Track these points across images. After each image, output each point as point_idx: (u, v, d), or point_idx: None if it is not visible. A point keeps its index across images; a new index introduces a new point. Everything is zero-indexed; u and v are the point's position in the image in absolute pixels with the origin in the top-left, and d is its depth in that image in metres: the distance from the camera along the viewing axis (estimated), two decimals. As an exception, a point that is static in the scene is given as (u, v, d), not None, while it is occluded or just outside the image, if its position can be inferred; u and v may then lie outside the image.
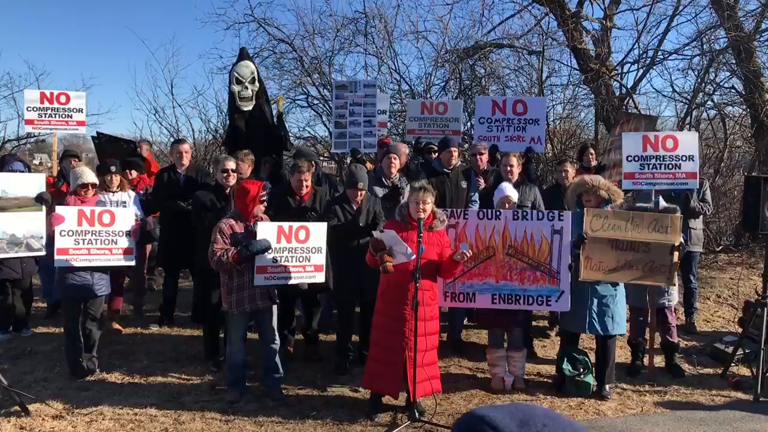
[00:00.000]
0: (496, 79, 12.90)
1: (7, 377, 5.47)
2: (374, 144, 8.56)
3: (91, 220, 6.03)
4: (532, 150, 8.23)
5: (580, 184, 6.23)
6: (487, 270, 6.07)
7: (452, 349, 7.17)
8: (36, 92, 8.98)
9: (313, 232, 5.85)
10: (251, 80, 7.73)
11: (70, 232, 5.95)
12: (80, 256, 5.98)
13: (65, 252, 5.93)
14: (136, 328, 7.83)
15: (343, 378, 6.29)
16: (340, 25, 12.94)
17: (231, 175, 6.44)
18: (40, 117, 8.77)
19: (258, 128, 7.89)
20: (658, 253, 6.00)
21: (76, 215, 5.99)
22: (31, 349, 6.94)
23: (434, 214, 5.52)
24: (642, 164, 6.73)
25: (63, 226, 5.91)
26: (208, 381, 6.16)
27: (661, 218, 6.08)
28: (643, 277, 6.07)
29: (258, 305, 5.68)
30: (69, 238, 5.93)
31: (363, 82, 8.99)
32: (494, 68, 12.90)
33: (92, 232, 6.03)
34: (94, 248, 6.03)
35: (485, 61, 12.85)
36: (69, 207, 6.07)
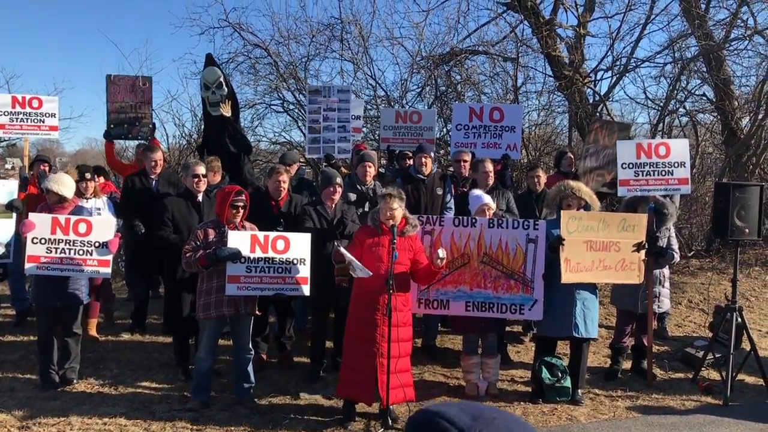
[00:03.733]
0: (471, 86, 12.93)
1: (-28, 387, 5.35)
2: (348, 150, 8.55)
3: (65, 228, 5.85)
4: (509, 157, 8.26)
5: (563, 188, 6.26)
6: (461, 277, 6.07)
7: (426, 355, 7.16)
8: (7, 96, 8.82)
9: (294, 242, 5.73)
10: (217, 85, 7.66)
11: (43, 240, 5.79)
12: (52, 264, 5.82)
13: (36, 260, 5.78)
14: (107, 335, 7.70)
15: (317, 385, 6.25)
16: (316, 31, 12.93)
17: (201, 180, 6.38)
18: (11, 121, 8.61)
19: (225, 132, 7.82)
20: (627, 251, 6.07)
21: (50, 223, 5.82)
22: (0, 359, 6.80)
23: (406, 219, 5.52)
24: (636, 171, 6.82)
25: (35, 233, 5.76)
26: (179, 389, 6.07)
27: (629, 217, 6.21)
28: (615, 276, 6.17)
29: (224, 312, 5.62)
30: (41, 246, 5.78)
31: (337, 87, 8.97)
32: (470, 74, 12.95)
33: (66, 241, 5.85)
34: (66, 258, 5.85)
35: (461, 67, 12.90)
36: (43, 214, 5.91)
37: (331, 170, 6.68)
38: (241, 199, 5.67)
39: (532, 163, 10.36)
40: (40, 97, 8.83)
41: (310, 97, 8.69)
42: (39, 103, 8.74)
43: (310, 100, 8.64)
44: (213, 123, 7.80)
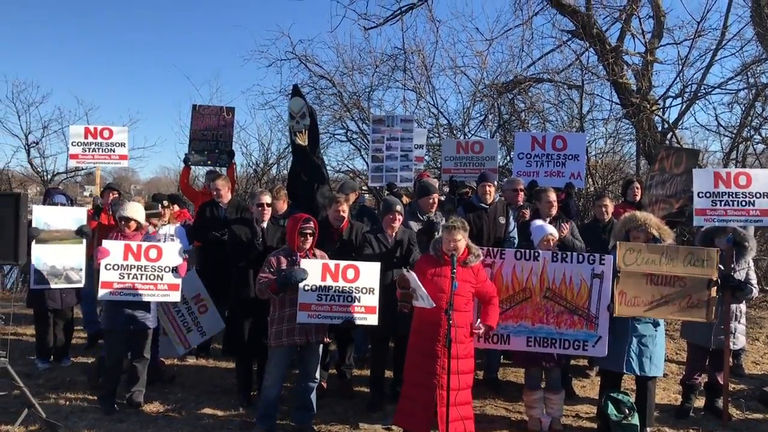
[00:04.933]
0: (536, 113, 12.83)
1: (45, 407, 5.52)
2: (410, 178, 8.56)
3: (137, 254, 6.07)
4: (573, 186, 8.12)
5: (630, 219, 6.08)
6: (523, 312, 5.93)
7: (488, 388, 7.02)
8: (80, 128, 9.26)
9: (364, 271, 5.74)
10: (301, 115, 7.88)
11: (116, 266, 6.00)
12: (124, 290, 6.02)
13: (109, 285, 5.98)
14: (173, 359, 7.87)
15: (377, 415, 6.20)
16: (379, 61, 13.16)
17: (266, 209, 6.48)
18: (83, 151, 9.05)
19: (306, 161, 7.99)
20: (695, 287, 5.80)
21: (122, 249, 6.04)
22: (70, 379, 7.02)
23: (469, 249, 5.46)
24: (714, 201, 6.60)
25: (108, 259, 5.96)
26: (242, 415, 6.13)
27: (696, 252, 5.90)
28: (680, 313, 5.88)
29: (296, 340, 5.66)
30: (114, 272, 5.99)
31: (400, 116, 9.02)
32: (534, 102, 12.84)
33: (138, 266, 6.07)
34: (138, 283, 6.06)
35: (525, 95, 12.81)
36: (116, 241, 6.11)
37: (391, 198, 6.69)
38: (310, 227, 5.73)
39: (598, 192, 10.13)
40: (111, 128, 9.24)
41: (374, 126, 8.77)
42: (110, 134, 9.15)
43: (374, 129, 8.72)
44: (297, 151, 8.00)
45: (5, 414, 5.36)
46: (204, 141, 8.91)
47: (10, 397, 5.73)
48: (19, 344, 8.24)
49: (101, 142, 9.08)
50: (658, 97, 12.01)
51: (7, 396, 5.57)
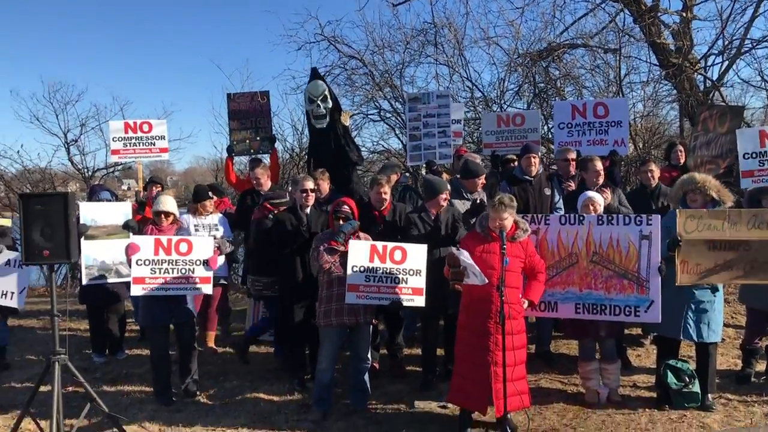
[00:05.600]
0: (571, 81, 12.54)
1: (105, 400, 5.62)
2: (449, 155, 8.46)
3: (168, 249, 6.05)
4: (617, 153, 7.94)
5: (688, 181, 5.89)
6: (569, 278, 5.80)
7: (541, 362, 6.96)
8: (120, 122, 9.37)
9: (411, 253, 5.72)
10: (323, 98, 7.80)
11: (147, 261, 5.97)
12: (157, 285, 6.01)
13: (141, 281, 5.96)
14: (225, 347, 7.97)
15: (431, 394, 6.18)
16: (410, 37, 12.95)
17: (310, 195, 6.47)
18: (125, 146, 9.15)
19: (329, 145, 7.93)
20: (760, 250, 5.59)
21: (152, 244, 6.02)
22: (126, 372, 7.17)
23: (516, 223, 5.38)
24: (761, 161, 6.37)
25: (139, 255, 5.94)
26: (297, 399, 6.18)
27: (761, 213, 5.67)
28: (745, 277, 5.68)
29: (344, 320, 5.68)
30: (145, 267, 5.97)
31: (436, 93, 8.91)
32: (569, 69, 12.55)
33: (169, 261, 6.05)
34: (170, 277, 6.04)
35: (559, 62, 12.53)
36: (146, 236, 6.12)
37: (436, 179, 6.58)
38: (342, 210, 5.74)
39: (643, 158, 9.89)
40: (150, 121, 9.32)
41: (410, 104, 8.67)
42: (149, 127, 9.23)
43: (410, 108, 8.62)
44: (318, 136, 7.93)
45: (68, 408, 5.46)
46: (244, 130, 8.90)
47: (71, 392, 5.85)
48: (75, 339, 8.43)
49: (141, 136, 9.17)
50: (699, 56, 11.65)
51: (68, 392, 5.68)
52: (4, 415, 5.95)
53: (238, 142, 8.91)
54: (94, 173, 14.93)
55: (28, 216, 4.98)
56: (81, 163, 14.89)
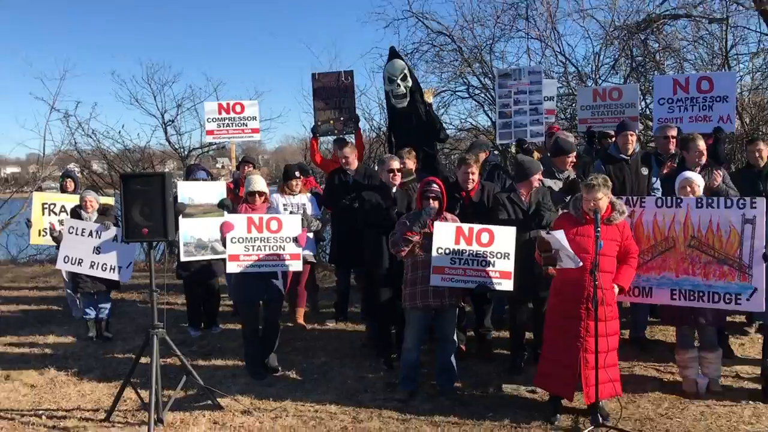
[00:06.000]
0: (672, 53, 11.93)
1: (200, 372, 5.84)
2: (541, 132, 8.20)
3: (260, 227, 6.19)
4: (722, 130, 7.48)
5: None
6: (665, 263, 5.55)
7: (635, 348, 6.71)
8: (214, 104, 9.64)
9: (499, 236, 5.60)
10: (402, 77, 7.74)
11: (241, 239, 6.14)
12: (250, 262, 6.16)
13: (236, 258, 6.13)
14: (314, 324, 8.12)
15: (519, 378, 6.08)
16: (500, 11, 12.67)
17: (396, 175, 6.44)
18: (218, 127, 9.43)
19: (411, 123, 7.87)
20: None
21: (245, 223, 6.17)
22: (220, 346, 7.42)
23: (612, 205, 5.15)
24: None
25: (233, 233, 6.11)
26: (383, 378, 6.22)
27: None
28: None
29: (430, 303, 5.65)
30: (239, 245, 6.13)
31: (528, 69, 8.63)
32: (669, 41, 11.94)
33: (261, 238, 6.19)
34: (263, 254, 6.18)
35: (659, 34, 11.94)
36: (239, 215, 6.28)
37: (528, 159, 6.41)
38: (432, 190, 5.65)
39: (751, 135, 9.30)
40: (243, 102, 9.56)
41: (500, 81, 8.44)
42: (242, 108, 9.47)
43: (500, 84, 8.40)
44: (399, 116, 7.88)
45: (166, 380, 5.70)
46: (328, 110, 8.95)
47: (169, 364, 6.11)
48: (172, 313, 8.81)
49: (234, 116, 9.42)
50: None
51: (166, 363, 5.93)
52: (108, 383, 6.28)
53: (322, 123, 8.95)
54: (190, 152, 15.46)
55: (128, 195, 5.21)
56: (177, 142, 15.45)
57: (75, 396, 6.03)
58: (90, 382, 6.36)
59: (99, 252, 7.43)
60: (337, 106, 8.95)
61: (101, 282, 7.65)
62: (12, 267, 14.55)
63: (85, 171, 15.98)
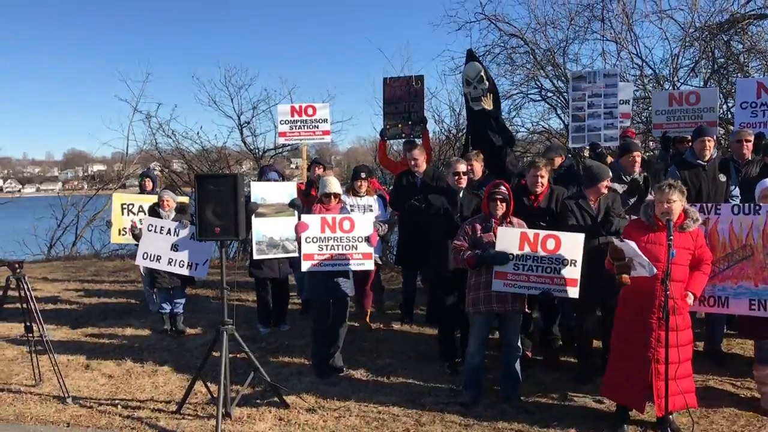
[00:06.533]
0: (757, 55, 11.42)
1: (267, 369, 5.99)
2: (616, 137, 8.01)
3: (333, 227, 6.32)
4: (808, 136, 7.13)
5: None
6: (743, 272, 5.35)
7: (710, 361, 6.46)
8: (287, 106, 9.86)
9: (566, 242, 5.52)
10: (478, 80, 7.73)
11: (315, 238, 6.27)
12: (324, 261, 6.29)
13: (311, 257, 6.27)
14: (379, 325, 8.19)
15: (586, 387, 5.95)
16: (575, 13, 12.46)
17: (462, 178, 6.42)
18: (291, 129, 9.65)
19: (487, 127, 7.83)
20: None
21: (319, 223, 6.30)
22: (288, 344, 7.57)
23: (686, 212, 4.98)
24: None
25: (308, 233, 6.25)
26: (447, 382, 6.21)
27: None
28: None
29: (493, 308, 5.60)
30: (314, 245, 6.27)
31: (602, 71, 8.43)
32: (755, 42, 11.43)
33: (334, 238, 6.31)
34: (336, 253, 6.30)
35: (743, 35, 11.45)
36: (313, 215, 6.41)
37: (597, 164, 6.27)
38: (500, 192, 5.61)
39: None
40: (314, 105, 9.74)
41: (574, 83, 8.30)
42: (313, 111, 9.66)
43: (574, 87, 8.25)
44: (475, 118, 7.87)
45: (235, 375, 5.89)
46: (397, 114, 9.04)
47: (239, 359, 6.29)
48: (243, 309, 9.06)
49: (306, 119, 9.62)
50: None
51: (235, 359, 6.11)
52: (180, 376, 6.53)
53: (390, 126, 9.06)
54: (264, 153, 15.84)
55: (202, 195, 5.39)
56: (252, 143, 15.86)
57: (149, 387, 6.28)
58: (163, 375, 6.62)
59: (176, 249, 7.72)
60: (406, 110, 9.04)
61: (177, 278, 7.94)
62: (95, 261, 15.28)
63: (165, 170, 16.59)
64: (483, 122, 7.79)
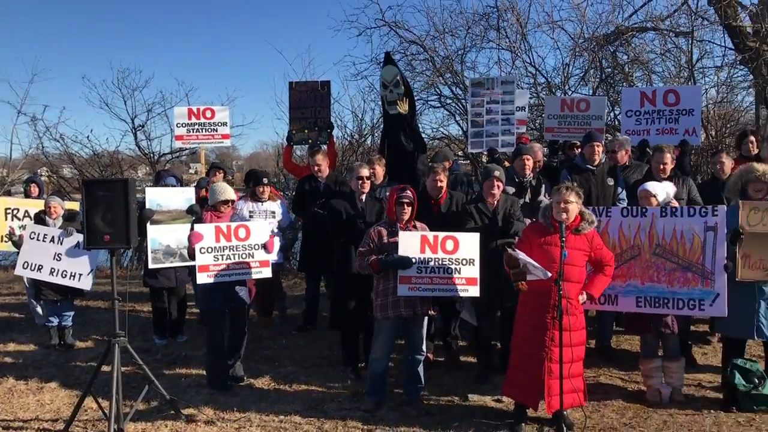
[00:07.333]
0: (640, 65, 12.11)
1: (163, 382, 5.75)
2: (512, 143, 8.23)
3: (228, 235, 6.06)
4: (688, 143, 7.61)
5: (747, 170, 5.63)
6: (631, 271, 5.62)
7: (601, 357, 6.77)
8: (184, 109, 9.57)
9: (464, 242, 5.60)
10: (395, 83, 7.77)
11: (210, 248, 5.99)
12: (220, 271, 6.02)
13: (206, 269, 5.97)
14: (281, 332, 8.05)
15: (485, 387, 6.08)
16: (471, 22, 12.73)
17: (365, 183, 6.42)
18: (188, 132, 9.37)
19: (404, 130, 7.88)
20: None
21: (213, 232, 6.03)
22: (186, 355, 7.31)
23: (582, 215, 5.18)
24: None
25: (202, 243, 5.96)
26: (350, 388, 6.18)
27: None
28: None
29: (401, 312, 5.62)
30: (209, 255, 5.98)
31: (500, 78, 8.65)
32: (638, 54, 12.11)
33: (230, 247, 6.07)
34: (232, 263, 6.06)
35: (627, 46, 12.11)
36: (207, 225, 6.12)
37: (491, 164, 6.48)
38: (406, 196, 5.63)
39: (715, 147, 9.46)
40: (213, 108, 9.51)
41: (473, 89, 8.47)
42: (212, 114, 9.42)
43: (473, 93, 8.42)
44: (391, 121, 7.91)
45: (129, 389, 5.63)
46: (303, 119, 8.95)
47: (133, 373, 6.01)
48: (139, 321, 8.69)
49: (204, 122, 9.37)
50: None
51: (129, 373, 5.83)
52: (69, 393, 6.16)
53: (297, 132, 8.96)
54: (160, 158, 15.29)
55: (90, 201, 5.11)
56: (147, 148, 15.27)
57: (34, 406, 5.89)
58: (50, 392, 6.23)
59: (59, 259, 7.29)
60: (313, 115, 8.96)
61: (65, 289, 7.50)
62: (-26, 273, 14.24)
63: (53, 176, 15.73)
64: (398, 126, 7.83)
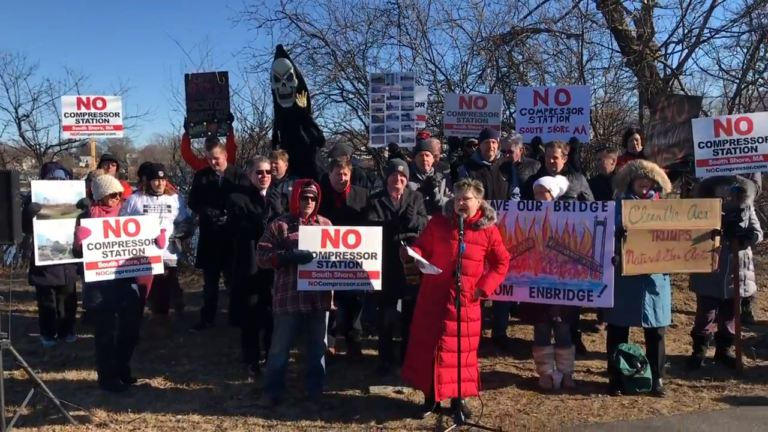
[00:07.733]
0: (534, 65, 12.55)
1: (52, 385, 5.47)
2: (412, 138, 8.35)
3: (117, 230, 5.80)
4: (577, 140, 7.96)
5: (636, 167, 5.96)
6: (525, 262, 5.84)
7: (497, 347, 6.99)
8: (73, 98, 9.10)
9: (366, 236, 5.61)
10: (288, 77, 7.66)
11: (98, 244, 5.70)
12: (109, 268, 5.75)
13: (94, 266, 5.67)
14: (179, 331, 7.82)
15: (386, 378, 6.16)
16: (373, 18, 12.76)
17: (266, 177, 6.34)
18: (77, 123, 8.91)
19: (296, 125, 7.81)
20: (699, 239, 5.75)
21: (101, 227, 5.75)
22: (76, 356, 6.98)
23: (483, 210, 5.33)
24: (715, 150, 6.53)
25: (90, 239, 5.66)
26: (250, 385, 6.09)
27: (699, 204, 5.85)
28: (685, 265, 5.85)
29: (301, 308, 5.59)
30: (97, 251, 5.69)
31: (400, 74, 8.77)
32: (532, 54, 12.55)
33: (119, 243, 5.81)
34: (122, 259, 5.81)
35: (522, 47, 12.52)
36: (94, 219, 5.83)
37: (395, 159, 6.56)
38: (311, 190, 5.59)
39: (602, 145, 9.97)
40: (104, 98, 9.09)
41: (373, 84, 8.52)
42: (103, 104, 9.00)
43: (374, 88, 8.47)
44: (287, 115, 7.79)
45: (11, 394, 5.32)
46: (201, 111, 8.71)
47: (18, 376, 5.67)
48: (23, 321, 8.19)
49: (95, 112, 8.94)
50: (660, 44, 11.73)
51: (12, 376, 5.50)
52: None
53: (195, 124, 8.72)
54: (47, 150, 14.48)
55: (-32, 195, 4.78)
56: (33, 139, 14.43)
57: None
58: None
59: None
60: (211, 107, 8.74)
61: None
62: None
63: (-74, 168, 14.61)
64: (297, 120, 7.74)
